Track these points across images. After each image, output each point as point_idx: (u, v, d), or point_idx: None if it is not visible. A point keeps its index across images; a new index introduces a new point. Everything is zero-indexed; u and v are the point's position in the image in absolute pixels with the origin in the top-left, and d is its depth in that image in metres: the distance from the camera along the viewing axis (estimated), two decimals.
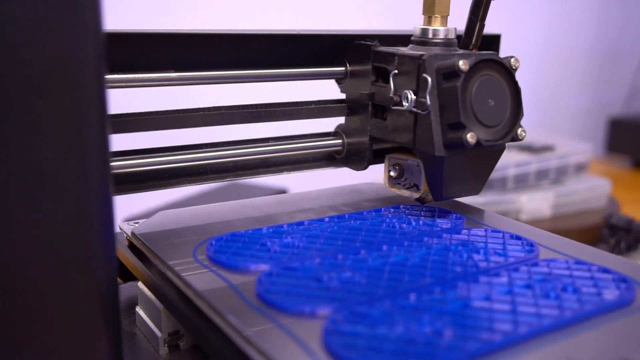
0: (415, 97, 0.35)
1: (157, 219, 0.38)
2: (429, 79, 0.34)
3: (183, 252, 0.33)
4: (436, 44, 0.37)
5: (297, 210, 0.40)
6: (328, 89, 0.45)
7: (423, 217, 0.39)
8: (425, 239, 0.35)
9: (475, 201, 0.75)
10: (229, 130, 0.41)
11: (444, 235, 0.36)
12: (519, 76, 0.36)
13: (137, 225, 0.37)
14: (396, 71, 0.37)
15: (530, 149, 0.88)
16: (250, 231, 0.36)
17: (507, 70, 0.36)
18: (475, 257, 0.33)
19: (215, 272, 0.31)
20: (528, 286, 0.30)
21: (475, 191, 0.39)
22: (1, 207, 0.22)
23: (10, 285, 0.22)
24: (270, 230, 0.36)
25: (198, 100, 0.41)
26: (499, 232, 0.37)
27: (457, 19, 0.40)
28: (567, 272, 0.31)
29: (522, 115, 0.36)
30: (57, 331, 0.23)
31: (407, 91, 0.36)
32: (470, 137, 0.33)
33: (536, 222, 0.77)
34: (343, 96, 0.43)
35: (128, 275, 0.38)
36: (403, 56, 0.37)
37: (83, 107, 0.23)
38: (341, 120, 0.44)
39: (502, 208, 0.79)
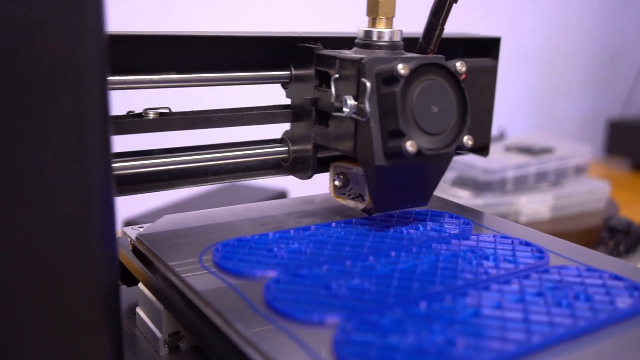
0: (355, 102, 0.33)
1: (161, 223, 0.38)
2: (368, 84, 0.33)
3: (188, 257, 0.33)
4: (381, 47, 0.35)
5: (304, 215, 0.40)
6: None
7: (430, 222, 0.39)
8: (434, 245, 0.35)
9: (474, 203, 0.75)
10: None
11: (453, 241, 0.35)
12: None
13: (141, 229, 0.37)
14: (337, 75, 0.35)
15: (529, 151, 0.88)
16: (256, 236, 0.35)
17: (452, 75, 0.34)
18: (485, 263, 0.32)
19: (221, 279, 0.30)
20: (540, 294, 0.29)
21: (422, 202, 0.37)
22: (2, 208, 0.22)
23: (12, 286, 0.22)
24: (277, 235, 0.35)
25: (201, 102, 0.41)
26: (508, 238, 0.36)
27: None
28: (578, 280, 0.31)
29: (469, 122, 0.34)
30: (58, 332, 0.23)
31: (347, 97, 0.34)
32: (410, 146, 0.32)
33: (535, 224, 0.77)
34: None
35: (132, 280, 0.38)
36: (344, 60, 0.35)
37: (85, 107, 0.22)
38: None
39: (502, 210, 0.79)
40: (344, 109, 0.34)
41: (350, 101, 0.33)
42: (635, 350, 0.25)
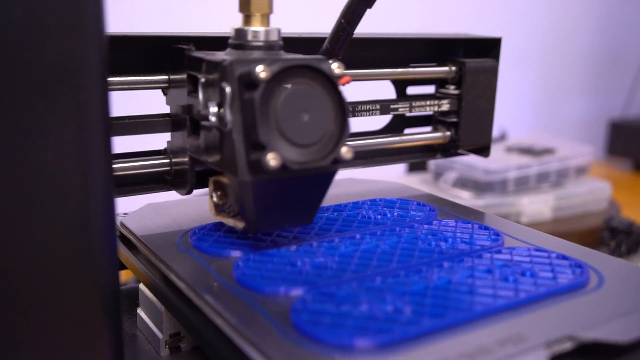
0: (218, 110, 0.30)
1: (144, 210, 0.40)
2: (228, 89, 0.29)
3: (168, 240, 0.35)
4: (255, 48, 0.32)
5: None
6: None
7: (398, 209, 0.41)
8: (398, 228, 0.37)
9: (475, 204, 0.75)
10: None
11: (416, 225, 0.38)
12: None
13: (125, 216, 0.39)
14: (204, 80, 0.31)
15: (530, 151, 0.88)
16: None
17: (327, 79, 0.30)
18: (443, 245, 0.35)
19: (196, 257, 0.33)
20: (489, 271, 0.32)
21: (305, 221, 0.33)
22: (3, 209, 0.22)
23: (12, 287, 0.23)
24: None
25: None
26: (468, 222, 0.39)
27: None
28: (527, 259, 0.33)
29: (348, 131, 0.30)
30: (58, 332, 0.24)
31: (210, 103, 0.30)
32: (271, 159, 0.28)
33: (536, 225, 0.77)
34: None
35: (119, 266, 0.40)
36: (209, 62, 0.31)
37: (85, 109, 0.23)
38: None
39: (503, 211, 0.79)
40: (210, 118, 0.30)
41: (213, 108, 0.30)
42: (569, 318, 0.28)
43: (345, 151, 0.30)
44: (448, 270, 0.31)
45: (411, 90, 0.47)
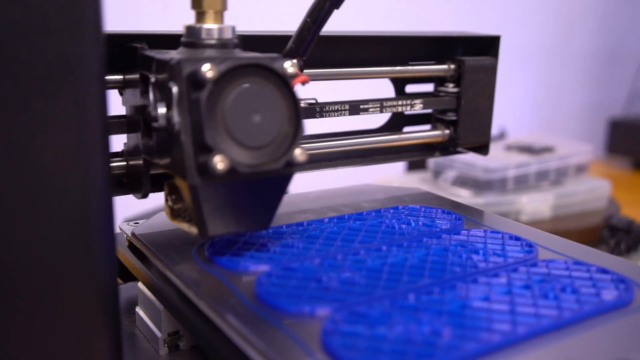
0: (166, 111, 0.29)
1: (157, 220, 0.38)
2: (174, 89, 0.28)
3: (182, 252, 0.33)
4: (207, 46, 0.31)
5: (297, 211, 0.40)
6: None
7: (422, 218, 0.39)
8: (425, 239, 0.35)
9: (474, 202, 0.76)
10: None
11: (443, 235, 0.36)
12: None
13: (137, 225, 0.37)
14: (154, 79, 0.30)
15: (530, 150, 0.88)
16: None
17: (280, 78, 0.29)
18: (474, 257, 0.33)
19: (214, 272, 0.31)
20: (527, 287, 0.30)
21: (260, 226, 0.32)
22: (2, 208, 0.22)
23: (11, 286, 0.22)
24: (270, 231, 0.36)
25: None
26: (498, 232, 0.37)
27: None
28: (566, 273, 0.31)
29: (302, 132, 0.29)
30: (57, 331, 0.24)
31: (159, 104, 0.29)
32: (219, 162, 0.27)
33: (536, 223, 0.77)
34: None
35: (128, 276, 0.38)
36: (159, 61, 0.30)
37: (84, 107, 0.23)
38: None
39: (502, 209, 0.79)
40: (159, 119, 0.29)
41: (162, 109, 0.29)
42: (619, 339, 0.26)
43: (299, 153, 0.29)
44: (484, 286, 0.29)
45: (410, 88, 0.46)
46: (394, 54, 0.44)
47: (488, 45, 0.46)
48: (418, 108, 0.45)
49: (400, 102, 0.44)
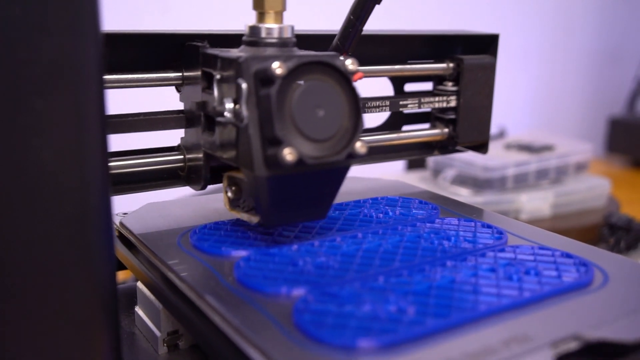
0: (234, 106, 0.30)
1: (144, 210, 0.40)
2: (244, 85, 0.29)
3: (168, 240, 0.35)
4: (268, 45, 0.32)
5: None
6: None
7: (400, 208, 0.41)
8: (400, 227, 0.37)
9: (474, 201, 0.76)
10: None
11: (418, 224, 0.38)
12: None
13: (125, 216, 0.39)
14: (219, 76, 0.32)
15: (529, 148, 0.88)
16: (232, 221, 0.37)
17: (342, 75, 0.30)
18: (445, 243, 0.35)
19: (197, 257, 0.32)
20: (492, 270, 0.31)
21: (319, 216, 0.34)
22: (0, 207, 0.22)
23: (10, 285, 0.23)
24: None
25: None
26: (471, 221, 0.38)
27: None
28: (531, 257, 0.33)
29: (362, 126, 0.31)
30: (56, 331, 0.24)
31: (226, 99, 0.31)
32: (288, 154, 0.28)
33: (536, 222, 0.77)
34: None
35: (119, 266, 0.39)
36: (224, 59, 0.31)
37: (82, 107, 0.23)
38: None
39: (502, 208, 0.79)
40: (225, 114, 0.31)
41: (229, 105, 0.30)
42: (575, 317, 0.27)
43: (359, 146, 0.31)
44: (451, 269, 0.31)
45: (409, 87, 0.47)
46: (393, 53, 0.44)
47: (487, 44, 0.46)
48: (453, 104, 0.45)
49: (437, 99, 0.44)
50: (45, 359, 0.24)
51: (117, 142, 0.36)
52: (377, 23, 0.38)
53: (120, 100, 0.38)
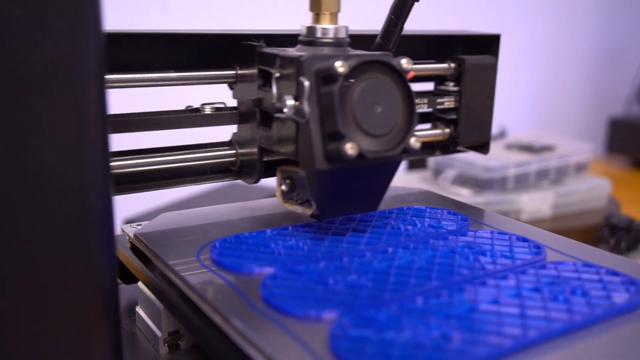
0: (295, 103, 0.32)
1: (159, 221, 0.38)
2: (306, 83, 0.31)
3: (186, 254, 0.33)
4: (324, 44, 0.34)
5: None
6: None
7: (428, 219, 0.39)
8: (431, 241, 0.35)
9: (475, 201, 0.76)
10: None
11: (450, 237, 0.35)
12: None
13: (139, 227, 0.37)
14: (278, 74, 0.33)
15: (530, 149, 0.88)
16: (253, 233, 0.35)
17: (397, 73, 0.32)
18: (482, 259, 0.32)
19: (219, 275, 0.30)
20: (536, 289, 0.29)
21: (371, 208, 0.35)
22: (1, 207, 0.22)
23: (11, 285, 0.22)
24: (274, 232, 0.36)
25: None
26: (505, 234, 0.36)
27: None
28: (575, 275, 0.31)
29: (416, 123, 0.32)
30: (57, 331, 0.23)
31: (287, 97, 0.32)
32: (349, 149, 0.30)
33: (536, 222, 0.77)
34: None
35: (130, 278, 0.38)
36: (284, 58, 0.33)
37: (83, 107, 0.23)
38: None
39: (503, 208, 0.79)
40: (285, 110, 0.32)
41: (290, 101, 0.32)
42: (631, 344, 0.25)
43: (414, 141, 0.32)
44: (493, 288, 0.29)
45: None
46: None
47: (488, 44, 0.45)
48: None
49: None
50: (45, 359, 0.23)
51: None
52: (378, 23, 0.37)
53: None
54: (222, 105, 0.38)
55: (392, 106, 0.31)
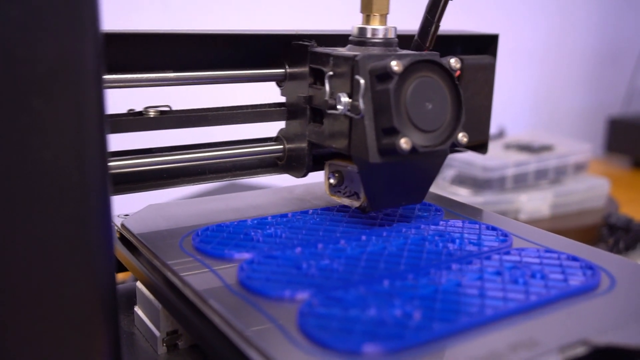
0: (349, 100, 0.33)
1: (146, 212, 0.39)
2: (362, 81, 0.33)
3: (170, 242, 0.35)
4: (375, 44, 0.36)
5: (283, 204, 0.42)
6: None
7: (402, 209, 0.40)
8: (404, 229, 0.36)
9: (473, 201, 0.76)
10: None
11: (422, 226, 0.37)
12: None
13: (126, 217, 0.39)
14: (331, 73, 0.35)
15: (529, 148, 0.88)
16: (235, 222, 0.37)
17: (446, 72, 0.34)
18: (450, 246, 0.34)
19: (200, 260, 0.32)
20: (498, 273, 0.31)
21: (417, 200, 0.37)
22: (0, 207, 0.22)
23: (9, 285, 0.22)
24: (255, 221, 0.37)
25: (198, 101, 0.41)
26: (476, 223, 0.38)
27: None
28: (537, 260, 0.33)
29: (463, 119, 0.34)
30: (56, 331, 0.24)
31: (341, 94, 0.34)
32: (404, 143, 0.32)
33: (535, 222, 0.77)
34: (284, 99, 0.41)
35: (119, 268, 0.39)
36: (338, 57, 0.35)
37: (82, 107, 0.23)
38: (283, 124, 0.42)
39: (501, 208, 0.79)
40: (338, 107, 0.34)
41: (345, 98, 0.33)
42: (582, 322, 0.27)
43: (461, 136, 0.34)
44: (457, 272, 0.31)
45: None
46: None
47: (487, 44, 0.46)
48: None
49: None
50: (44, 359, 0.24)
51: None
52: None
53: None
54: (167, 109, 0.38)
55: (441, 103, 0.33)
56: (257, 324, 0.26)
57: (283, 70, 0.40)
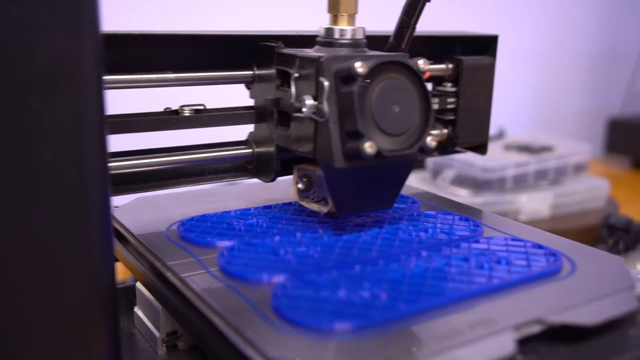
0: (314, 102, 0.33)
1: (134, 203, 0.41)
2: (326, 83, 0.32)
3: (156, 232, 0.36)
4: (342, 45, 0.35)
5: (265, 198, 0.43)
6: None
7: None
8: (380, 219, 0.38)
9: (473, 202, 0.75)
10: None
11: (397, 217, 0.39)
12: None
13: (116, 209, 0.40)
14: (297, 75, 0.34)
15: (529, 149, 0.88)
16: (219, 213, 0.39)
17: (415, 74, 0.33)
18: (422, 235, 0.36)
19: (183, 248, 0.34)
20: (465, 259, 0.33)
21: (386, 206, 0.37)
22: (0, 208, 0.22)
23: (9, 286, 0.23)
24: (238, 212, 0.39)
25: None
26: (450, 214, 0.40)
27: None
28: (503, 248, 0.34)
29: (432, 122, 0.33)
30: (55, 331, 0.24)
31: (306, 96, 0.33)
32: (369, 147, 0.31)
33: (535, 223, 0.77)
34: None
35: None
36: (303, 58, 0.34)
37: (81, 107, 0.23)
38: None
39: (501, 209, 0.79)
40: (303, 110, 0.33)
41: (309, 101, 0.33)
42: (540, 303, 0.29)
43: (430, 140, 0.33)
44: (426, 258, 0.32)
45: None
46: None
47: (486, 45, 0.45)
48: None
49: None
50: (44, 359, 0.24)
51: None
52: (375, 24, 0.39)
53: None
54: (201, 107, 0.39)
55: (409, 106, 0.32)
56: (234, 305, 0.28)
57: (251, 72, 0.39)
